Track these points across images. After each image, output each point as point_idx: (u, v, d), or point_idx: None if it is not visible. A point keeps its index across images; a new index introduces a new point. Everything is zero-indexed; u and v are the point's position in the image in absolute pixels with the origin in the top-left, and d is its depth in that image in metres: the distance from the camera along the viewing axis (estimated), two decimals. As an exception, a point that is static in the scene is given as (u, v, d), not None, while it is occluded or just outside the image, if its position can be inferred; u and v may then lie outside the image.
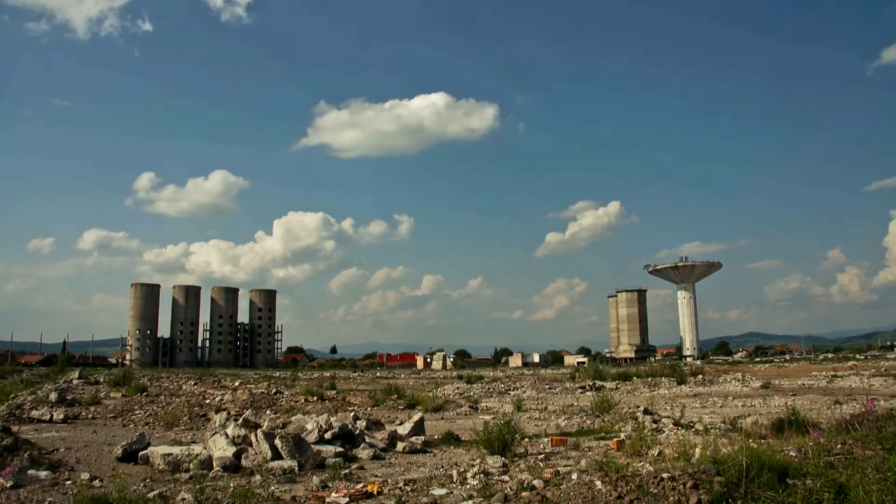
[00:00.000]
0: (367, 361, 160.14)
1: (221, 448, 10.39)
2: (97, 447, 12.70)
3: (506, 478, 8.79)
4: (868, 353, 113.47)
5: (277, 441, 10.39)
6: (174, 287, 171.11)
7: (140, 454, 10.75)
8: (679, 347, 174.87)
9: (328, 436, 11.58)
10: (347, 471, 9.77)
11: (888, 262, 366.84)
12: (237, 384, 31.84)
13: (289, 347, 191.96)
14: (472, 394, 30.47)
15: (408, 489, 8.43)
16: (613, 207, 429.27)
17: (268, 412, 18.59)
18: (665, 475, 6.59)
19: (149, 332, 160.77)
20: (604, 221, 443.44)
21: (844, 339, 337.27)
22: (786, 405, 14.88)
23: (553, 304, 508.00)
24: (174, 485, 8.80)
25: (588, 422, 16.82)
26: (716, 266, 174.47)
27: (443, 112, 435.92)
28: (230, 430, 11.29)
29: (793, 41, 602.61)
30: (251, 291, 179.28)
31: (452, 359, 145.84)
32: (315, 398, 23.26)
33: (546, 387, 34.62)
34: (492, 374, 57.78)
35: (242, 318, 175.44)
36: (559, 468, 9.12)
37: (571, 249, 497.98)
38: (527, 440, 12.66)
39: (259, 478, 9.01)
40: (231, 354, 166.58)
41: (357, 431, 12.44)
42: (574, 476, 7.87)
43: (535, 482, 7.85)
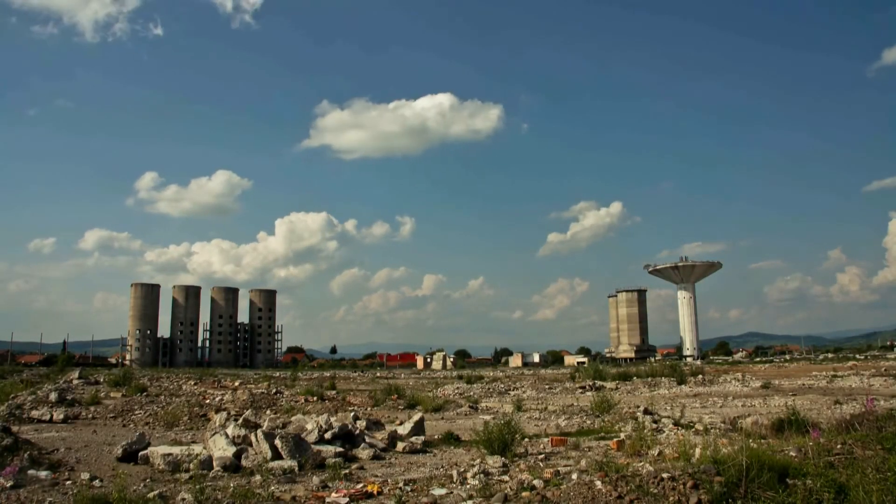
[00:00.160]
0: (367, 361, 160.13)
1: (221, 448, 10.39)
2: (97, 447, 12.70)
3: (506, 478, 8.79)
4: (868, 353, 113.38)
5: (277, 441, 10.39)
6: (174, 287, 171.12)
7: (140, 454, 10.75)
8: (679, 347, 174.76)
9: (328, 436, 11.58)
10: (347, 471, 9.77)
11: (888, 262, 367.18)
12: (237, 384, 31.84)
13: (289, 347, 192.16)
14: (472, 394, 30.47)
15: (408, 489, 8.42)
16: (615, 208, 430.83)
17: (268, 412, 18.59)
18: (665, 475, 6.59)
19: (149, 332, 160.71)
20: (605, 222, 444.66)
21: (844, 339, 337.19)
22: (786, 405, 14.89)
23: (553, 304, 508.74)
24: (174, 485, 8.80)
25: (588, 422, 16.82)
26: (716, 266, 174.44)
27: (447, 113, 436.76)
28: (230, 431, 11.29)
29: (794, 44, 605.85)
30: (251, 291, 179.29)
31: (452, 359, 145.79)
32: (315, 398, 23.26)
33: (546, 387, 34.62)
34: (492, 374, 57.77)
35: (242, 318, 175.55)
36: (559, 468, 9.12)
37: (573, 250, 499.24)
38: (527, 440, 12.66)
39: (259, 478, 9.00)
40: (231, 354, 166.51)
41: (357, 431, 12.44)
42: (574, 476, 7.87)
43: (535, 482, 7.85)
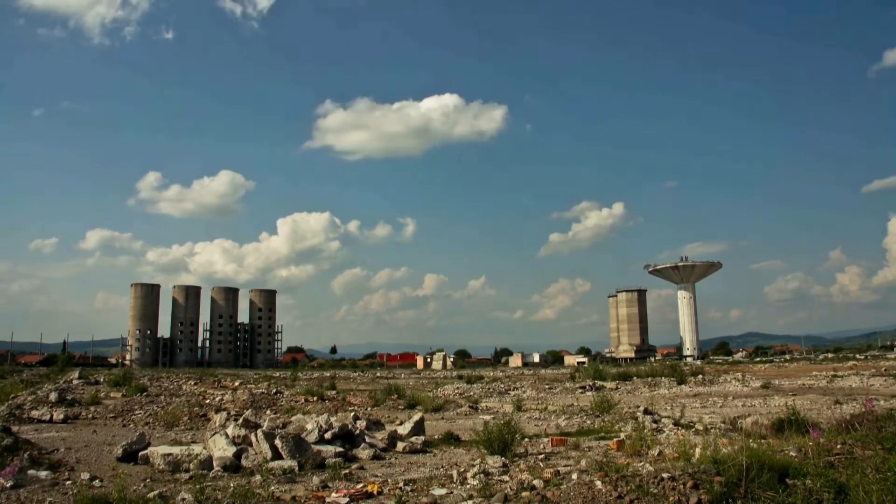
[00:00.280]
0: (367, 361, 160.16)
1: (221, 448, 10.39)
2: (97, 447, 12.70)
3: (506, 478, 8.79)
4: (868, 353, 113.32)
5: (277, 441, 10.39)
6: (174, 287, 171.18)
7: (140, 454, 10.75)
8: (679, 347, 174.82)
9: (328, 436, 11.58)
10: (347, 471, 9.78)
11: (888, 262, 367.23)
12: (237, 384, 31.83)
13: (289, 347, 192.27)
14: (472, 394, 30.47)
15: (408, 489, 8.42)
16: (617, 208, 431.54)
17: (268, 412, 18.59)
18: (665, 475, 6.59)
19: (149, 333, 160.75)
20: (608, 222, 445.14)
21: (844, 339, 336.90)
22: (786, 405, 14.89)
23: (554, 305, 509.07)
24: (174, 485, 8.80)
25: (588, 422, 16.82)
26: (716, 266, 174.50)
27: (451, 113, 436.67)
28: (230, 430, 11.29)
29: (797, 42, 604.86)
30: (251, 291, 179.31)
31: (452, 359, 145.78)
32: (315, 398, 23.25)
33: (546, 387, 34.61)
34: (492, 374, 57.76)
35: (242, 318, 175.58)
36: (559, 468, 9.12)
37: (574, 250, 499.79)
38: (527, 440, 12.66)
39: (259, 478, 9.01)
40: (231, 354, 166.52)
41: (357, 431, 12.44)
42: (574, 476, 7.87)
43: (536, 482, 7.85)
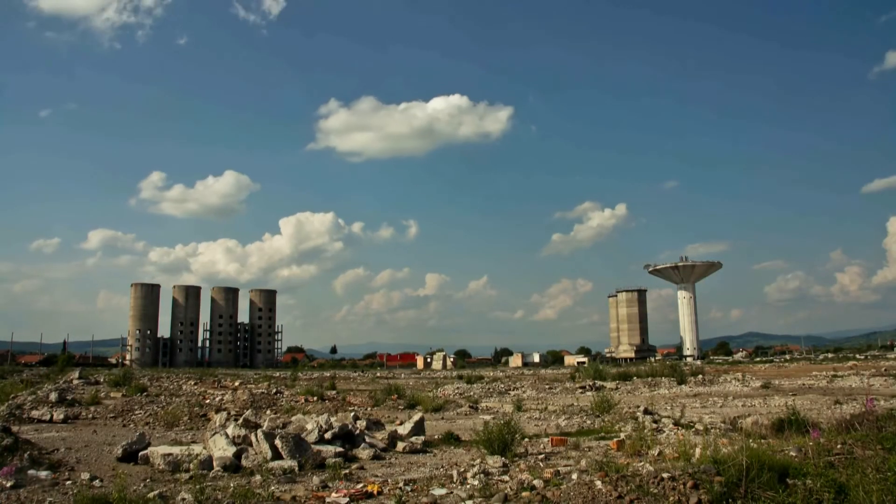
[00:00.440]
0: (367, 361, 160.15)
1: (221, 448, 10.39)
2: (97, 447, 12.70)
3: (506, 478, 8.79)
4: (868, 353, 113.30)
5: (277, 441, 10.39)
6: (174, 287, 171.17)
7: (140, 454, 10.75)
8: (679, 347, 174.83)
9: (328, 436, 11.58)
10: (347, 471, 9.77)
11: (888, 262, 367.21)
12: (237, 384, 31.83)
13: (289, 347, 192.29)
14: (473, 394, 30.47)
15: (408, 489, 8.42)
16: (619, 209, 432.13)
17: (268, 412, 18.59)
18: (665, 475, 6.59)
19: (149, 333, 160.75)
20: (610, 222, 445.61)
21: (844, 339, 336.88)
22: (786, 405, 14.89)
23: (555, 305, 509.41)
24: (174, 485, 8.80)
25: (588, 422, 16.81)
26: (716, 266, 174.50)
27: (456, 115, 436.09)
28: (230, 430, 11.29)
29: (798, 45, 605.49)
30: (251, 291, 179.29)
31: (452, 359, 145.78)
32: (315, 398, 23.25)
33: (546, 387, 34.62)
34: (492, 374, 57.76)
35: (242, 318, 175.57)
36: (559, 468, 9.12)
37: (576, 250, 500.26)
38: (527, 440, 12.66)
39: (259, 478, 9.00)
40: (231, 354, 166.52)
41: (357, 431, 12.44)
42: (574, 476, 7.87)
43: (536, 482, 7.84)
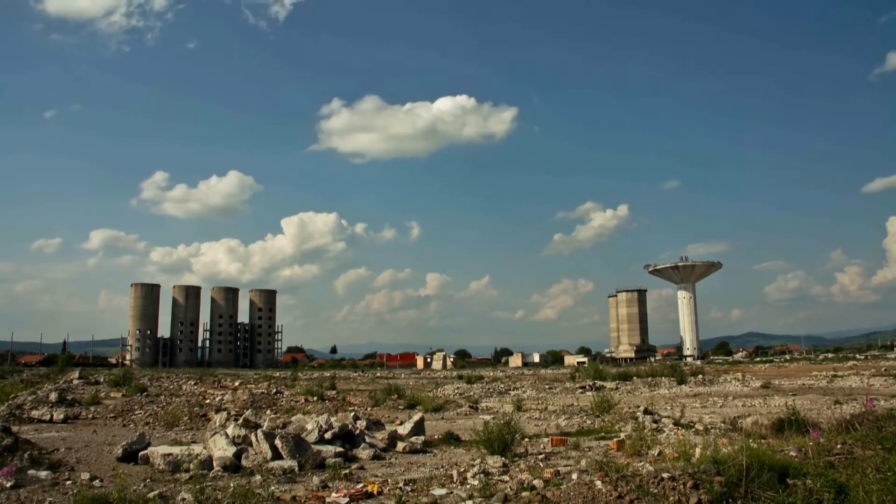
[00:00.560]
0: (367, 361, 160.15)
1: (221, 448, 10.39)
2: (97, 447, 12.70)
3: (506, 478, 8.79)
4: (868, 353, 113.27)
5: (277, 441, 10.39)
6: (174, 287, 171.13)
7: (140, 454, 10.75)
8: (679, 347, 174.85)
9: (328, 436, 11.58)
10: (347, 471, 9.77)
11: (888, 262, 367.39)
12: (237, 384, 31.83)
13: (289, 347, 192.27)
14: (473, 394, 30.48)
15: (408, 489, 8.42)
16: (621, 209, 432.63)
17: (268, 412, 18.59)
18: (665, 475, 6.59)
19: (149, 333, 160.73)
20: (612, 223, 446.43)
21: (844, 339, 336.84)
22: (786, 405, 14.88)
23: (555, 305, 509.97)
24: (174, 485, 8.80)
25: (588, 422, 16.81)
26: (716, 266, 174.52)
27: (460, 115, 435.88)
28: (230, 430, 11.29)
29: (798, 46, 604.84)
30: (251, 291, 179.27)
31: (452, 359, 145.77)
32: (315, 398, 23.26)
33: (546, 387, 34.62)
34: (492, 374, 57.76)
35: (242, 318, 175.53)
36: (559, 468, 9.12)
37: (579, 250, 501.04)
38: (527, 440, 12.66)
39: (259, 478, 9.00)
40: (231, 354, 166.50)
41: (357, 431, 12.44)
42: (574, 476, 7.87)
43: (536, 482, 7.85)
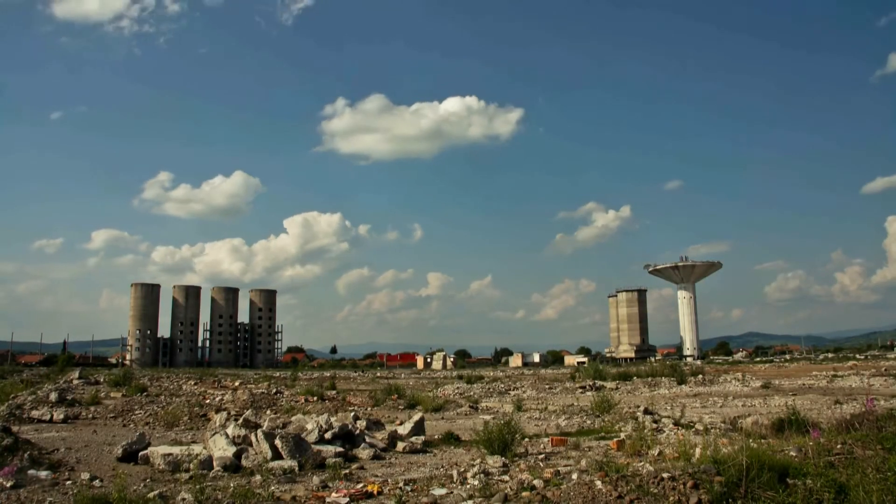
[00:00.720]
0: (367, 361, 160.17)
1: (221, 448, 10.39)
2: (97, 447, 12.70)
3: (506, 478, 8.79)
4: (868, 353, 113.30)
5: (277, 441, 10.39)
6: (174, 287, 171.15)
7: (140, 454, 10.75)
8: (679, 347, 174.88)
9: (328, 436, 11.58)
10: (347, 471, 9.77)
11: (888, 262, 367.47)
12: (237, 384, 31.83)
13: (289, 347, 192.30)
14: (473, 394, 30.48)
15: (408, 489, 8.42)
16: (624, 210, 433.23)
17: (268, 412, 18.59)
18: (665, 475, 6.59)
19: (149, 333, 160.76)
20: (614, 223, 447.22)
21: (844, 339, 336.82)
22: (786, 405, 14.88)
23: (556, 305, 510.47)
24: (174, 485, 8.80)
25: (588, 422, 16.81)
26: (716, 266, 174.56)
27: (465, 116, 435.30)
28: (230, 430, 11.29)
29: (800, 47, 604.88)
30: (251, 291, 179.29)
31: (452, 359, 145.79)
32: (315, 398, 23.26)
33: (546, 387, 34.62)
34: (492, 374, 57.77)
35: (243, 318, 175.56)
36: (559, 468, 9.12)
37: (581, 250, 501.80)
38: (527, 440, 12.65)
39: (259, 478, 9.00)
40: (231, 354, 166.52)
41: (357, 431, 12.44)
42: (574, 476, 7.87)
43: (536, 482, 7.84)
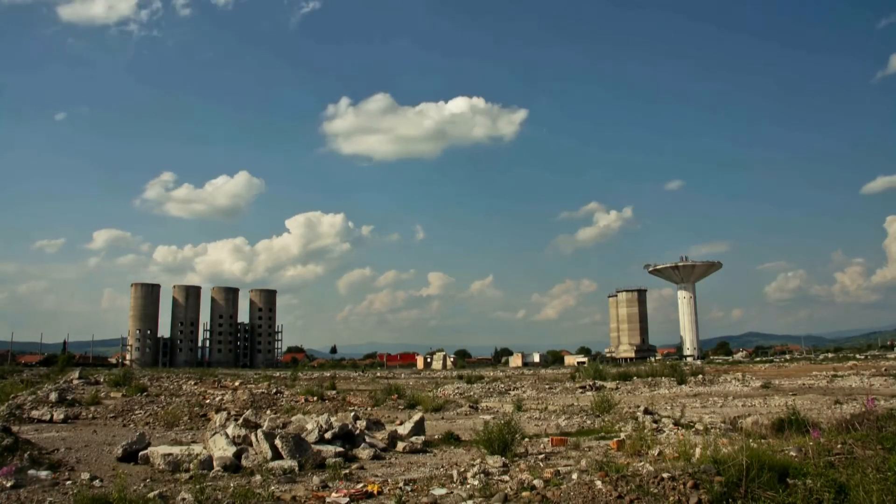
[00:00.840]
0: (368, 361, 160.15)
1: (221, 448, 10.39)
2: (97, 447, 12.70)
3: (506, 478, 8.79)
4: (868, 353, 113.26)
5: (277, 441, 10.39)
6: (174, 287, 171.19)
7: (140, 454, 10.75)
8: (679, 347, 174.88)
9: (328, 436, 11.58)
10: (347, 471, 9.77)
11: (888, 262, 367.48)
12: (237, 384, 31.82)
13: (289, 347, 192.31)
14: (473, 394, 30.48)
15: (408, 489, 8.42)
16: (626, 211, 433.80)
17: (268, 412, 18.59)
18: (665, 475, 6.59)
19: (149, 332, 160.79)
20: (616, 224, 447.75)
21: (844, 339, 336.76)
22: (786, 405, 14.88)
23: (556, 305, 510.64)
24: (174, 485, 8.80)
25: (588, 422, 16.81)
26: (716, 266, 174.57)
27: (470, 117, 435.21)
28: (230, 430, 11.29)
29: (802, 48, 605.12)
30: (251, 291, 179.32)
31: (452, 359, 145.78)
32: (315, 398, 23.25)
33: (546, 387, 34.62)
34: (492, 374, 57.76)
35: (243, 318, 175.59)
36: (559, 468, 9.12)
37: (582, 251, 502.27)
38: (527, 440, 12.65)
39: (259, 478, 9.00)
40: (231, 354, 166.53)
41: (357, 431, 12.44)
42: (574, 476, 7.87)
43: (536, 482, 7.84)
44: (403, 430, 13.18)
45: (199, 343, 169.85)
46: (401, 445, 12.30)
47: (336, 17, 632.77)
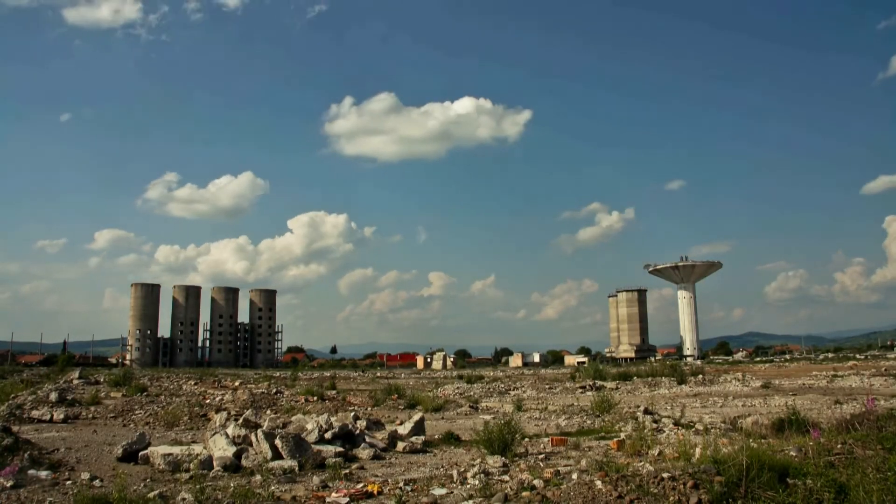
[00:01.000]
0: (368, 361, 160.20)
1: (222, 448, 10.39)
2: (97, 447, 12.70)
3: (506, 478, 8.79)
4: (868, 353, 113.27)
5: (278, 441, 10.39)
6: (174, 287, 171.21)
7: (140, 454, 10.75)
8: (679, 347, 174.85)
9: (328, 436, 11.58)
10: (348, 471, 9.78)
11: (888, 262, 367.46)
12: (237, 384, 31.83)
13: (289, 347, 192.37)
14: (473, 394, 30.48)
15: (408, 489, 8.42)
16: (628, 210, 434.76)
17: (268, 412, 18.59)
18: (665, 475, 6.59)
19: (149, 332, 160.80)
20: (618, 224, 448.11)
21: (845, 339, 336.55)
22: (786, 405, 14.89)
23: (556, 305, 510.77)
24: (174, 485, 8.80)
25: (588, 422, 16.81)
26: (716, 266, 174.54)
27: (474, 118, 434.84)
28: (230, 430, 11.29)
29: (803, 49, 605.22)
30: (251, 291, 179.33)
31: (452, 359, 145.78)
32: (315, 398, 23.26)
33: (546, 387, 34.62)
34: (492, 374, 57.76)
35: (243, 318, 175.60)
36: (559, 468, 9.12)
37: (583, 251, 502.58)
38: (527, 440, 12.65)
39: (259, 478, 9.01)
40: (231, 354, 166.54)
41: (357, 431, 12.44)
42: (574, 476, 7.87)
43: (536, 482, 7.85)
44: (403, 430, 13.19)
45: (200, 343, 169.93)
46: (401, 445, 12.30)
47: (342, 18, 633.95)
